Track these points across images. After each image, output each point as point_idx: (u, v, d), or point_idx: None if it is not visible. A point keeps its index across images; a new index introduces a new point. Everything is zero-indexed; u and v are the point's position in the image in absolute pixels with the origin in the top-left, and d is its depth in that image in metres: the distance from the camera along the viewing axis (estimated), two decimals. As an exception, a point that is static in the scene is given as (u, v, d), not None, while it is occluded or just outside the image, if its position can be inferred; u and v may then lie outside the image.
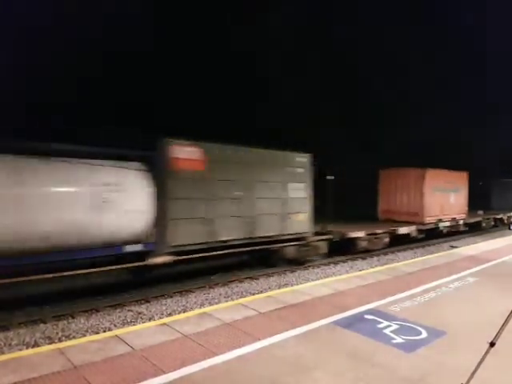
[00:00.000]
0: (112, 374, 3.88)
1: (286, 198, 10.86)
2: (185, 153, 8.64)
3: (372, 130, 27.94)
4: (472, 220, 19.70)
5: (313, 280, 9.60)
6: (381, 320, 5.50)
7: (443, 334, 5.01)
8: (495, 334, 3.17)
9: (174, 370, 3.99)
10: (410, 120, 28.92)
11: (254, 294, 8.36)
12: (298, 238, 11.20)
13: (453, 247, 14.64)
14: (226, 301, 7.93)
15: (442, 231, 17.08)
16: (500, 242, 14.47)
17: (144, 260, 8.10)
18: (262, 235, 10.18)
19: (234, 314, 5.73)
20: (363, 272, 9.17)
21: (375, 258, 13.18)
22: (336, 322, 5.41)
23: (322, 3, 27.17)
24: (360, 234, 12.80)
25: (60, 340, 6.02)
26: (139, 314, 7.42)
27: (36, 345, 5.84)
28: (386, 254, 14.06)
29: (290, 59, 25.30)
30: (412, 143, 27.41)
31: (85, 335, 6.17)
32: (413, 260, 10.81)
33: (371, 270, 9.68)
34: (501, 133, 32.79)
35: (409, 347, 4.60)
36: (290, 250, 11.03)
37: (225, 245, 9.39)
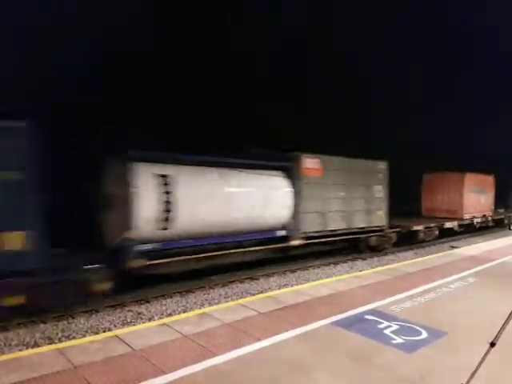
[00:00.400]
0: (112, 374, 3.88)
1: (372, 198, 13.71)
2: (310, 163, 11.59)
3: (372, 130, 27.96)
4: (497, 217, 22.66)
5: (313, 280, 9.60)
6: (381, 320, 5.50)
7: (443, 335, 5.00)
8: (495, 334, 3.17)
9: (174, 370, 3.99)
10: (409, 120, 28.95)
11: (254, 295, 8.35)
12: (379, 230, 14.01)
13: (453, 247, 14.63)
14: (226, 301, 7.93)
15: (475, 226, 19.80)
16: (500, 242, 14.47)
17: (287, 242, 10.94)
18: (356, 226, 13.09)
19: (234, 315, 5.73)
20: (363, 272, 9.16)
21: (375, 259, 13.18)
22: (336, 323, 5.41)
23: (322, 3, 27.18)
24: (420, 227, 15.69)
25: (60, 340, 6.02)
26: (139, 314, 7.42)
27: (36, 345, 5.84)
28: (386, 254, 14.06)
29: (290, 59, 25.32)
30: (412, 143, 27.43)
31: (85, 335, 6.17)
32: (413, 260, 10.81)
33: (371, 270, 9.67)
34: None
35: (409, 347, 4.60)
36: (373, 239, 13.85)
37: (333, 233, 12.31)
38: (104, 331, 6.36)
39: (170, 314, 7.27)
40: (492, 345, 3.16)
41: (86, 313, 7.37)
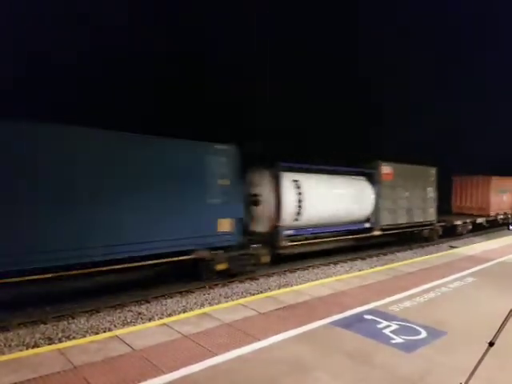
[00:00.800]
0: (112, 375, 3.89)
1: (426, 197, 16.48)
2: (386, 169, 14.36)
3: (372, 130, 28.00)
4: None
5: (312, 280, 9.60)
6: (380, 320, 5.51)
7: (443, 334, 5.02)
8: (494, 333, 3.18)
9: (174, 370, 3.99)
10: (409, 120, 29.00)
11: (253, 295, 8.36)
12: (430, 224, 16.87)
13: (452, 247, 14.66)
14: (226, 301, 7.93)
15: (498, 221, 22.14)
16: (499, 241, 14.49)
17: (370, 232, 13.90)
18: (415, 221, 15.87)
19: (234, 315, 5.74)
20: (363, 272, 9.17)
21: (375, 259, 13.20)
22: (336, 323, 5.42)
23: (321, 6, 27.20)
24: (459, 222, 18.62)
25: (60, 341, 6.02)
26: (139, 314, 7.43)
27: (36, 345, 5.84)
28: (385, 254, 14.08)
29: (290, 59, 25.34)
30: (412, 143, 27.48)
31: (85, 336, 6.17)
32: (412, 260, 10.82)
33: (371, 270, 9.69)
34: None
35: (408, 347, 4.61)
36: (426, 232, 16.81)
37: (400, 226, 15.08)
38: (104, 331, 6.36)
39: (170, 314, 7.27)
40: (491, 344, 3.17)
41: (86, 313, 7.37)
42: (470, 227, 19.50)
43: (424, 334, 5.03)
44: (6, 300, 7.31)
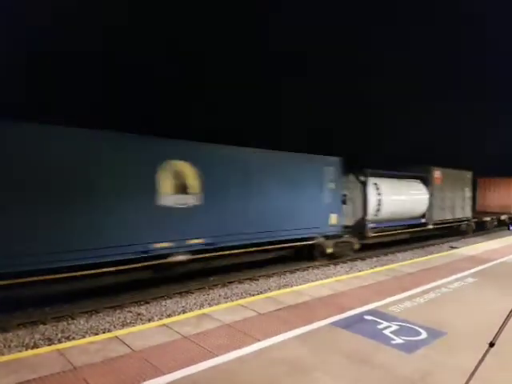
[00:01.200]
0: (112, 375, 3.88)
1: (464, 197, 19.51)
2: (436, 174, 17.20)
3: (371, 130, 28.03)
4: None
5: (312, 281, 9.60)
6: (380, 321, 5.50)
7: (443, 335, 5.01)
8: (495, 334, 3.17)
9: (174, 371, 3.99)
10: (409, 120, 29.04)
11: (253, 295, 8.35)
12: (467, 220, 19.93)
13: (453, 248, 14.65)
14: (226, 302, 7.92)
15: None
16: (500, 242, 14.48)
17: (425, 226, 16.77)
18: (456, 217, 18.93)
19: (234, 315, 5.73)
20: (363, 273, 9.16)
21: (374, 259, 13.19)
22: (335, 323, 5.41)
23: (322, 2, 27.20)
24: (488, 218, 21.74)
25: (60, 341, 6.01)
26: (139, 315, 7.42)
27: (35, 346, 5.83)
28: (385, 254, 14.07)
29: (290, 59, 25.36)
30: (412, 143, 27.55)
31: (84, 336, 6.16)
32: (412, 260, 10.81)
33: (371, 270, 9.67)
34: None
35: (409, 348, 4.60)
36: (464, 226, 19.76)
37: (446, 221, 18.16)
38: (104, 332, 6.36)
39: (169, 315, 7.26)
40: (491, 345, 3.16)
41: (85, 313, 7.37)
42: (496, 223, 22.45)
43: (424, 334, 5.02)
44: (5, 301, 7.29)
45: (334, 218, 12.26)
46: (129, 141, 8.10)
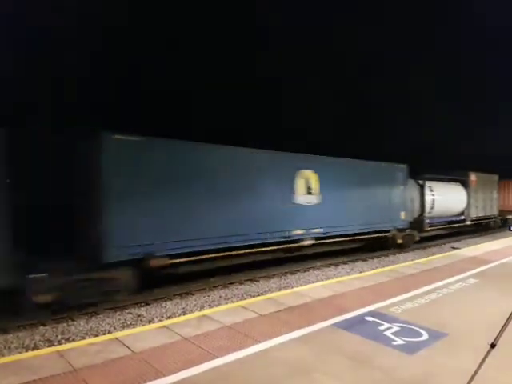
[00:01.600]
0: (112, 377, 3.87)
1: (492, 197, 22.18)
2: (473, 177, 19.93)
3: (371, 130, 28.03)
4: None
5: (313, 282, 9.58)
6: (381, 322, 5.49)
7: (444, 336, 4.99)
8: (496, 335, 3.16)
9: (174, 372, 3.97)
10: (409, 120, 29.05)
11: (254, 296, 8.33)
12: (494, 217, 22.79)
13: (454, 248, 14.63)
14: (226, 303, 7.90)
15: None
16: (501, 243, 14.45)
17: (463, 222, 19.48)
18: (487, 215, 21.63)
19: (234, 317, 5.71)
20: (364, 274, 9.14)
21: (376, 260, 13.16)
22: (336, 324, 5.39)
23: (323, 4, 27.21)
24: (510, 216, 24.59)
25: (60, 343, 6.01)
26: (139, 316, 7.41)
27: (36, 347, 5.83)
28: (386, 255, 14.05)
29: (290, 59, 25.36)
30: (412, 144, 27.54)
31: (84, 338, 6.15)
32: (414, 261, 10.79)
33: (372, 271, 9.65)
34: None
35: (410, 349, 4.59)
36: (492, 223, 22.93)
37: (480, 218, 20.78)
38: (104, 333, 6.34)
39: (169, 317, 7.25)
40: (492, 346, 3.15)
41: (85, 315, 7.36)
42: None
43: (425, 335, 5.00)
44: (5, 302, 7.28)
45: (403, 215, 15.01)
46: (281, 156, 10.99)
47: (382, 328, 5.26)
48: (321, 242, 12.02)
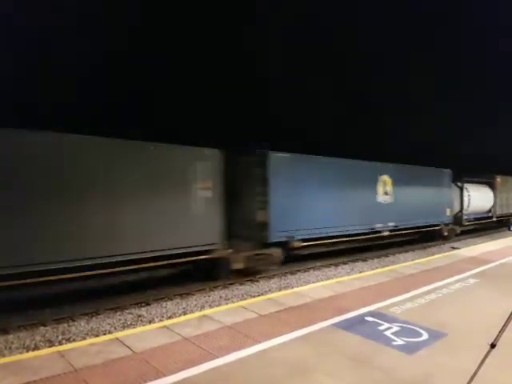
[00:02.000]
0: (112, 377, 3.88)
1: (510, 197, 23.91)
2: (498, 179, 22.32)
3: (371, 130, 28.03)
4: None
5: (313, 282, 9.59)
6: (381, 322, 5.49)
7: (444, 336, 5.00)
8: (496, 335, 3.17)
9: (175, 372, 3.98)
10: (409, 120, 29.04)
11: (254, 297, 8.34)
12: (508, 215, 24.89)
13: (454, 248, 14.63)
14: (227, 303, 7.91)
15: None
16: (500, 243, 14.45)
17: (490, 219, 22.13)
18: (506, 212, 23.55)
19: (235, 317, 5.72)
20: (364, 274, 9.15)
21: (376, 260, 13.17)
22: (336, 325, 5.40)
23: (322, 3, 27.19)
24: None
25: (60, 343, 6.02)
26: (139, 316, 7.42)
27: (36, 348, 5.84)
28: (386, 255, 14.06)
29: (291, 59, 25.36)
30: (412, 143, 27.54)
31: (85, 338, 6.16)
32: (414, 262, 10.79)
33: (372, 271, 9.66)
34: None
35: (410, 349, 4.59)
36: (511, 221, 24.30)
37: (502, 215, 23.04)
38: (104, 334, 6.35)
39: (170, 317, 7.27)
40: (492, 346, 3.15)
41: (86, 315, 7.37)
42: None
43: (425, 335, 5.01)
44: (5, 302, 7.30)
45: (448, 211, 18.05)
46: (369, 164, 13.96)
47: (381, 328, 5.27)
48: (392, 233, 14.98)
